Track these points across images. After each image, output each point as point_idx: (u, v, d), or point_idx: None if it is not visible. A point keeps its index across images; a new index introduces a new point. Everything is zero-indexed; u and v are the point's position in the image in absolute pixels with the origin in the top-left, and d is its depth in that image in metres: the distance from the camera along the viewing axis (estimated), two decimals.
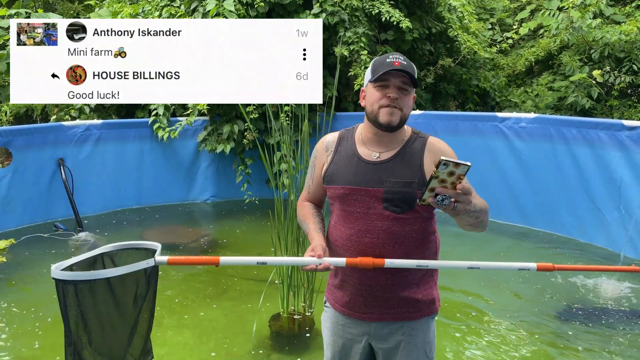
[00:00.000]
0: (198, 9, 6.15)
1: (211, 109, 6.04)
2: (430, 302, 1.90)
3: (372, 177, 1.79)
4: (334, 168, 1.88)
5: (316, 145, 2.00)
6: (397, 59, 1.75)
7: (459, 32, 7.05)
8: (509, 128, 5.63)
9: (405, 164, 1.79)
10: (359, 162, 1.83)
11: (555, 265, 1.84)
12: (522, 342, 3.52)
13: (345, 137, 1.93)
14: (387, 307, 1.85)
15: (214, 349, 3.38)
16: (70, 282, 1.60)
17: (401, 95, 1.76)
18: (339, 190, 1.84)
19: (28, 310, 3.88)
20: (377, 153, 1.83)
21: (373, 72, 1.78)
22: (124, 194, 6.17)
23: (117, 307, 1.71)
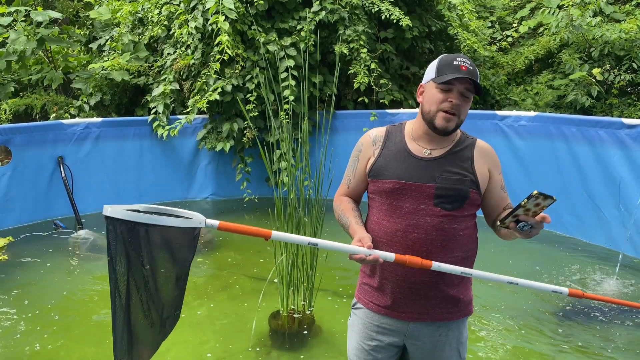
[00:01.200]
0: (197, 6, 6.14)
1: (211, 107, 6.03)
2: (469, 303, 1.92)
3: (424, 173, 1.79)
4: (382, 162, 1.85)
5: (361, 139, 1.96)
6: (464, 63, 1.73)
7: (458, 30, 7.04)
8: (508, 126, 5.63)
9: (457, 162, 1.81)
10: (409, 158, 1.82)
11: (585, 294, 1.93)
12: (521, 340, 3.53)
13: (393, 132, 1.91)
14: (428, 307, 1.84)
15: (214, 346, 3.39)
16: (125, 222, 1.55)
17: (462, 101, 1.75)
18: (387, 184, 1.82)
19: (28, 309, 3.88)
20: (428, 150, 1.83)
21: (438, 71, 1.76)
22: (124, 192, 6.16)
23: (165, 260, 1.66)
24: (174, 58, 6.54)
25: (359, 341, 1.95)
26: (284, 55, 6.00)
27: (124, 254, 1.60)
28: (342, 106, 6.67)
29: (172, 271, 1.68)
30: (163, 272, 1.66)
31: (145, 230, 1.58)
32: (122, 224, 1.57)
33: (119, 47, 7.07)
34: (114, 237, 1.59)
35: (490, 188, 1.86)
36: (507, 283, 1.85)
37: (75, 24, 8.99)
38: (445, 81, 1.72)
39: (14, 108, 7.69)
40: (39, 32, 6.61)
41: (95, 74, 6.83)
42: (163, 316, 1.72)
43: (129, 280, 1.63)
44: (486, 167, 1.85)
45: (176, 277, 1.69)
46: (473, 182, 1.79)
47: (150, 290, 1.67)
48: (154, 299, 1.68)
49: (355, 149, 1.97)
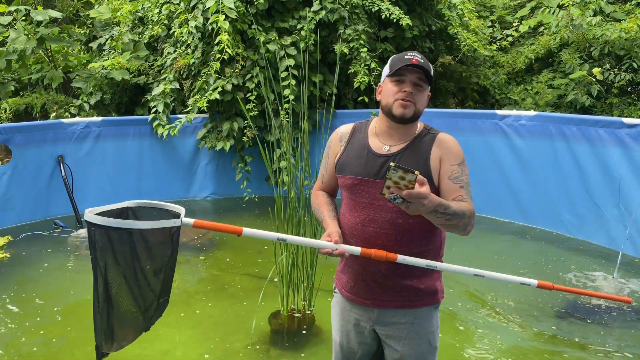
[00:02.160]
0: (198, 6, 6.14)
1: (211, 106, 6.04)
2: (433, 293, 1.95)
3: (380, 169, 1.86)
4: (345, 158, 1.95)
5: (331, 136, 2.07)
6: (414, 56, 1.83)
7: (458, 29, 7.04)
8: (508, 126, 5.63)
9: (413, 157, 1.86)
10: (368, 154, 1.90)
11: (555, 285, 1.93)
12: (520, 337, 3.53)
13: (359, 129, 2.00)
14: (389, 295, 1.91)
15: (214, 345, 3.39)
16: (102, 227, 1.70)
17: (416, 90, 1.84)
18: (347, 180, 1.91)
19: (27, 308, 3.88)
20: (387, 146, 1.89)
21: (391, 67, 1.86)
22: (124, 191, 6.16)
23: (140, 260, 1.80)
24: (174, 57, 6.54)
25: (338, 321, 2.08)
26: (284, 55, 6.00)
27: (105, 252, 1.75)
28: (342, 105, 6.67)
29: (150, 265, 1.83)
30: (143, 266, 1.81)
31: (122, 233, 1.73)
32: (101, 228, 1.71)
33: (119, 46, 7.07)
34: (94, 239, 1.74)
35: (439, 178, 1.86)
36: (474, 275, 1.89)
37: (75, 23, 8.99)
38: (396, 71, 1.82)
39: (14, 107, 7.69)
40: (39, 31, 6.61)
41: (95, 73, 6.83)
42: (146, 304, 1.87)
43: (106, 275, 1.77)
44: (439, 157, 1.86)
45: (154, 270, 1.83)
46: (427, 177, 1.80)
47: (131, 283, 1.81)
48: (134, 290, 1.82)
49: (326, 145, 2.09)
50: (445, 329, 3.57)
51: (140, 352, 3.28)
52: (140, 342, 3.36)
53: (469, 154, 6.50)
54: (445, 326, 3.61)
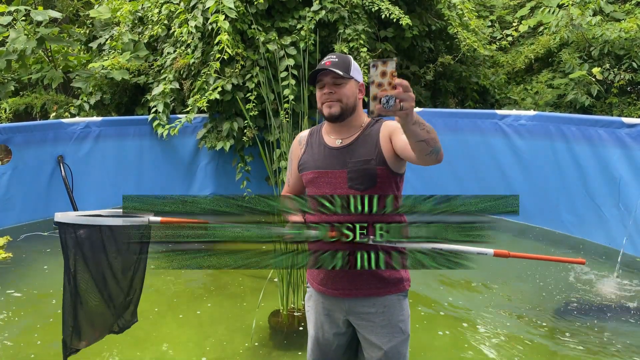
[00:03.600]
0: (197, 5, 6.14)
1: (211, 106, 6.04)
2: (398, 281, 2.04)
3: (337, 161, 2.00)
4: (305, 157, 2.11)
5: (292, 143, 2.23)
6: (329, 58, 1.98)
7: (458, 29, 7.04)
8: (508, 125, 5.63)
9: (364, 145, 1.98)
10: (325, 149, 2.06)
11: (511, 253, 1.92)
12: (520, 337, 3.53)
13: (314, 131, 2.16)
14: (355, 283, 2.01)
15: (214, 345, 3.39)
16: (70, 225, 1.78)
17: (336, 89, 1.96)
18: (309, 175, 2.06)
19: (27, 308, 3.88)
20: (340, 140, 2.04)
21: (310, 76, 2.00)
22: (124, 191, 6.07)
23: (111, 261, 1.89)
24: (174, 57, 6.54)
25: (313, 314, 2.17)
26: (284, 55, 6.00)
27: (75, 251, 1.82)
28: None
29: (119, 263, 1.91)
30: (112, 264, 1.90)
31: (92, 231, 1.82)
32: (70, 227, 1.80)
33: (119, 46, 7.07)
34: (64, 239, 1.82)
35: (394, 141, 1.92)
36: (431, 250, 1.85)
37: (75, 23, 9.00)
38: (310, 79, 1.99)
39: (14, 107, 7.69)
40: (39, 31, 6.61)
41: (95, 73, 6.83)
42: (115, 302, 1.94)
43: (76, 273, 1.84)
44: (387, 136, 1.96)
45: (123, 269, 1.92)
46: (380, 160, 1.94)
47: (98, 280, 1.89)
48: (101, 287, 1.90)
49: (289, 152, 2.23)
50: (444, 329, 3.58)
51: (140, 352, 3.28)
52: (140, 342, 3.38)
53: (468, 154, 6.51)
54: (444, 326, 3.63)
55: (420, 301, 3.94)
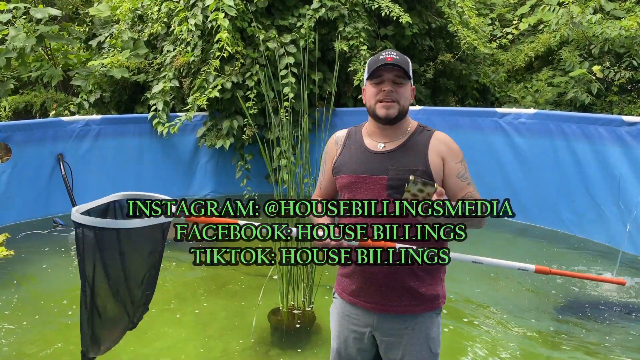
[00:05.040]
0: (197, 3, 6.13)
1: (210, 104, 6.03)
2: (434, 298, 1.92)
3: (377, 166, 1.86)
4: (342, 160, 1.96)
5: (327, 143, 2.09)
6: (389, 54, 1.83)
7: (458, 27, 7.03)
8: (508, 124, 5.62)
9: (410, 153, 1.86)
10: (365, 152, 1.91)
11: (552, 270, 1.90)
12: (519, 336, 3.53)
13: (353, 132, 2.02)
14: (390, 298, 1.88)
15: (214, 343, 3.39)
16: (91, 227, 1.65)
17: (396, 88, 1.84)
18: (345, 179, 1.92)
19: (27, 307, 3.88)
20: (382, 144, 1.90)
21: (368, 70, 1.87)
22: (123, 190, 6.07)
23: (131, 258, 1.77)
24: (173, 55, 6.54)
25: (337, 327, 2.04)
26: (284, 53, 5.99)
27: (93, 254, 1.71)
28: (342, 103, 6.67)
29: (140, 262, 1.81)
30: (131, 264, 1.79)
31: (111, 233, 1.70)
32: (88, 229, 1.67)
33: (118, 44, 7.06)
34: (81, 239, 1.70)
35: (445, 177, 1.87)
36: (472, 262, 1.87)
37: (74, 21, 8.98)
38: (373, 72, 1.83)
39: (14, 105, 7.69)
40: (38, 29, 6.60)
41: (94, 71, 6.82)
42: (133, 303, 1.85)
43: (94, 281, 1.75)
44: (440, 156, 1.86)
45: (145, 267, 1.83)
46: (425, 173, 1.82)
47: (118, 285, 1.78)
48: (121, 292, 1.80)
49: (323, 152, 2.09)
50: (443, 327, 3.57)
51: (140, 350, 3.28)
52: (140, 341, 3.38)
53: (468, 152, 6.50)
54: (443, 324, 3.62)
55: None
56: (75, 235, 1.69)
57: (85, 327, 1.78)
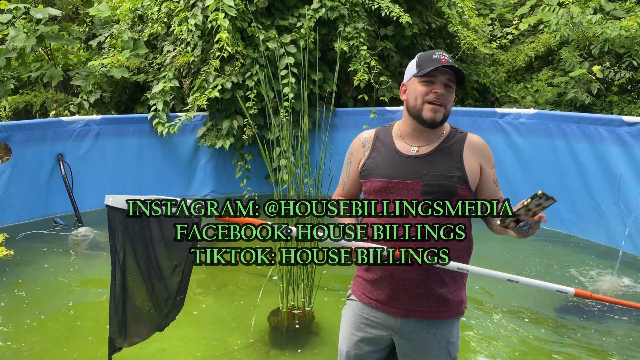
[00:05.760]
0: (197, 3, 6.13)
1: (210, 104, 6.03)
2: (459, 303, 1.91)
3: (411, 171, 1.80)
4: (371, 163, 1.89)
5: (352, 142, 2.01)
6: (443, 55, 1.77)
7: (458, 27, 7.03)
8: (508, 124, 5.62)
9: (445, 158, 1.81)
10: (397, 156, 1.85)
11: (593, 295, 1.85)
12: (519, 336, 3.54)
13: (382, 133, 1.95)
14: (417, 304, 1.85)
15: (214, 343, 3.39)
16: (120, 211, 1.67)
17: (446, 92, 1.78)
18: (376, 183, 1.85)
19: (26, 307, 3.88)
20: (416, 147, 1.84)
21: (419, 66, 1.79)
22: (123, 190, 6.16)
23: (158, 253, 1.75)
24: (173, 55, 6.54)
25: (349, 330, 1.99)
26: (284, 53, 5.99)
27: (124, 240, 1.70)
28: (342, 103, 6.67)
29: (168, 260, 1.77)
30: (160, 260, 1.76)
31: (144, 222, 1.69)
32: (122, 212, 1.68)
33: (118, 44, 7.06)
34: (116, 226, 1.70)
35: (482, 183, 1.86)
36: (507, 280, 1.82)
37: (74, 21, 8.98)
38: (427, 72, 1.75)
39: (14, 105, 7.69)
40: (38, 30, 6.60)
41: (94, 71, 6.82)
42: (168, 301, 1.80)
43: (125, 264, 1.71)
44: (477, 161, 1.84)
45: (173, 266, 1.78)
46: (461, 178, 1.78)
47: (146, 276, 1.74)
48: (149, 285, 1.76)
49: (347, 152, 2.01)
50: None
51: (139, 350, 3.27)
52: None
53: None
54: None
55: None
56: (108, 221, 1.71)
57: (113, 312, 1.75)
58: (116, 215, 1.67)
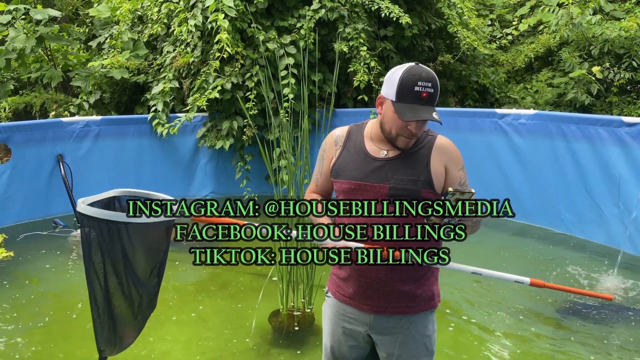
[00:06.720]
0: (197, 4, 6.13)
1: (210, 105, 6.03)
2: (430, 298, 1.93)
3: (378, 174, 1.83)
4: (341, 163, 1.91)
5: (325, 139, 2.02)
6: (425, 88, 1.72)
7: (458, 28, 7.03)
8: (508, 124, 5.62)
9: (412, 162, 1.82)
10: (366, 159, 1.87)
11: (546, 284, 1.93)
12: (520, 337, 3.53)
13: (354, 132, 1.95)
14: (386, 301, 1.89)
15: (214, 344, 3.39)
16: (102, 220, 1.61)
17: (423, 126, 1.81)
18: (344, 185, 1.88)
19: (26, 308, 3.88)
20: (385, 151, 1.86)
21: (398, 96, 1.74)
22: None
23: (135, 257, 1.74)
24: (173, 56, 6.54)
25: (330, 325, 2.04)
26: (284, 53, 6.00)
27: (99, 248, 1.67)
28: (341, 104, 6.67)
29: (145, 261, 1.76)
30: (137, 263, 1.74)
31: (120, 227, 1.65)
32: (97, 221, 1.63)
33: (118, 45, 7.06)
34: (88, 232, 1.67)
35: (447, 186, 1.86)
36: (471, 273, 1.89)
37: (74, 22, 8.98)
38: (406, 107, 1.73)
39: (14, 106, 7.68)
40: (38, 30, 6.60)
41: (94, 72, 6.82)
42: (143, 305, 1.81)
43: (106, 269, 1.69)
44: (443, 165, 1.84)
45: (150, 266, 1.78)
46: (426, 182, 1.80)
47: (124, 281, 1.73)
48: (126, 290, 1.75)
49: (320, 148, 2.03)
50: (444, 329, 3.57)
51: (139, 352, 3.28)
52: (139, 342, 3.37)
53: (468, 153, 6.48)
54: (444, 326, 3.62)
55: None
56: (81, 229, 1.67)
57: (98, 324, 1.75)
58: (91, 221, 1.63)
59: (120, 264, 1.69)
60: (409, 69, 1.74)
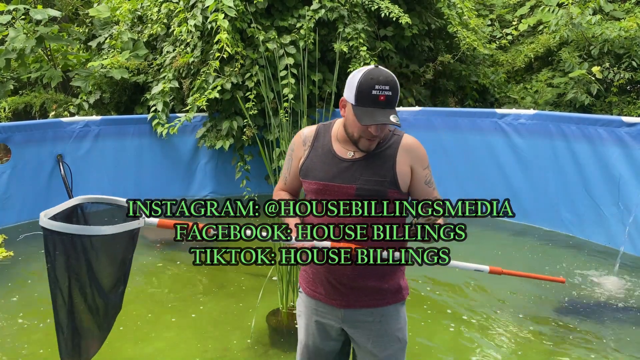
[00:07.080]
0: (197, 4, 6.13)
1: (210, 105, 6.03)
2: (397, 291, 1.98)
3: (345, 175, 1.85)
4: (309, 163, 1.93)
5: (294, 138, 2.04)
6: (382, 91, 1.72)
7: (458, 28, 7.03)
8: (508, 124, 5.62)
9: (379, 163, 1.85)
10: (333, 159, 1.89)
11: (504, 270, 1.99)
12: (519, 337, 3.53)
13: (322, 132, 1.97)
14: (355, 296, 1.93)
15: (213, 344, 3.39)
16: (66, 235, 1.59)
17: (384, 129, 1.81)
18: (312, 185, 1.91)
19: (26, 308, 3.88)
20: (351, 152, 1.88)
21: (357, 100, 1.75)
22: (123, 190, 6.15)
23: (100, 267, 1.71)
24: (173, 56, 6.54)
25: (304, 320, 2.07)
26: (284, 53, 6.00)
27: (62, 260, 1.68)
28: None
29: (111, 270, 1.75)
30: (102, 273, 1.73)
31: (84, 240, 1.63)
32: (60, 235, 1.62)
33: (118, 45, 7.06)
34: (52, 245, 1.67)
35: (413, 184, 1.89)
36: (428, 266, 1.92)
37: (74, 21, 8.98)
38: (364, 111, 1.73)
39: (13, 106, 7.69)
40: (38, 30, 6.60)
41: (94, 72, 6.82)
42: (109, 313, 1.80)
43: (70, 283, 1.71)
44: (408, 164, 1.86)
45: (116, 275, 1.76)
46: (392, 182, 1.83)
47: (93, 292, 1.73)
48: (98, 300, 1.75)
49: (289, 147, 2.04)
50: (444, 330, 3.57)
51: (139, 351, 3.28)
52: (139, 342, 3.38)
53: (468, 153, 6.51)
54: (444, 327, 3.62)
55: (421, 302, 3.93)
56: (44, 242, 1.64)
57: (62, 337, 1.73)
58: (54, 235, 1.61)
59: (85, 277, 1.68)
60: (367, 73, 1.76)
